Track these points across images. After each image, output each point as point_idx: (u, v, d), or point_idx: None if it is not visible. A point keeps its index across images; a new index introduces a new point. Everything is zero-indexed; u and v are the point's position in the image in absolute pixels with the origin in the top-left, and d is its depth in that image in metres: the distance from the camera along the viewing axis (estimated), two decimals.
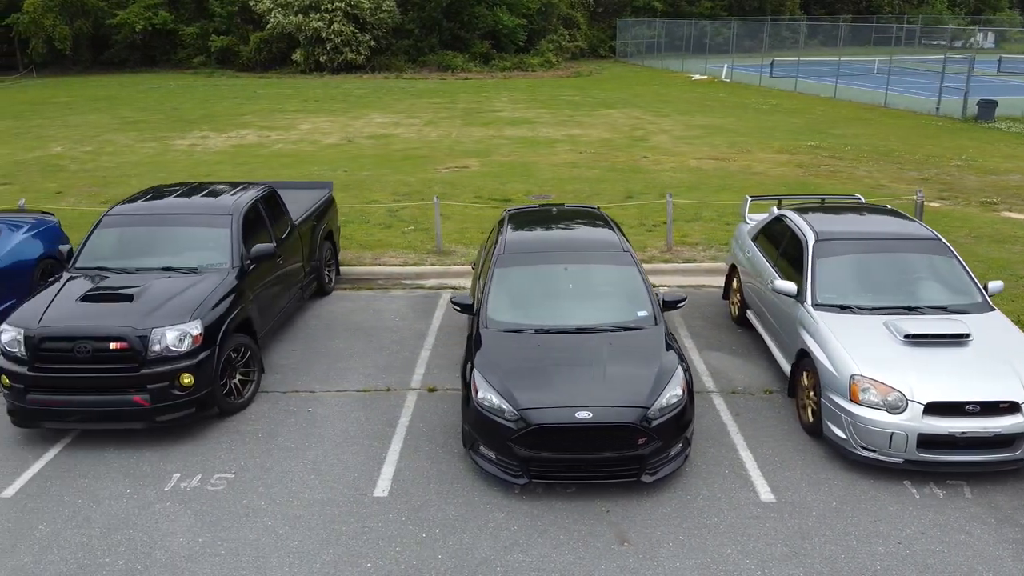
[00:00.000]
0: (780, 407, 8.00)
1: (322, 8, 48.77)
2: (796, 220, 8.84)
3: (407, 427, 7.73)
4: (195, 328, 7.38)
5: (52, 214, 11.90)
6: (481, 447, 6.69)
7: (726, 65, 45.90)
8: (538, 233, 8.63)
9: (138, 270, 8.32)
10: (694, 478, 6.80)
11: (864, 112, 31.33)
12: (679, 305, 7.65)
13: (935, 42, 71.34)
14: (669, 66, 52.83)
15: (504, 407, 6.44)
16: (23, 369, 7.24)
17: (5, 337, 7.38)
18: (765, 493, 6.59)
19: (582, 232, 8.61)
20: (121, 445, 7.46)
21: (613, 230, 8.58)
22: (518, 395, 6.45)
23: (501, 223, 9.32)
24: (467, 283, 12.01)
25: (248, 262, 8.63)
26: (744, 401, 8.15)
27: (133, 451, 7.38)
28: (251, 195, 9.55)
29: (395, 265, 12.67)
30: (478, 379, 6.70)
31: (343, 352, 9.53)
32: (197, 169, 20.79)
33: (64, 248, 8.78)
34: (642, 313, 7.42)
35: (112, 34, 53.82)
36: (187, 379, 7.26)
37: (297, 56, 50.42)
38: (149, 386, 7.19)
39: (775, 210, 9.68)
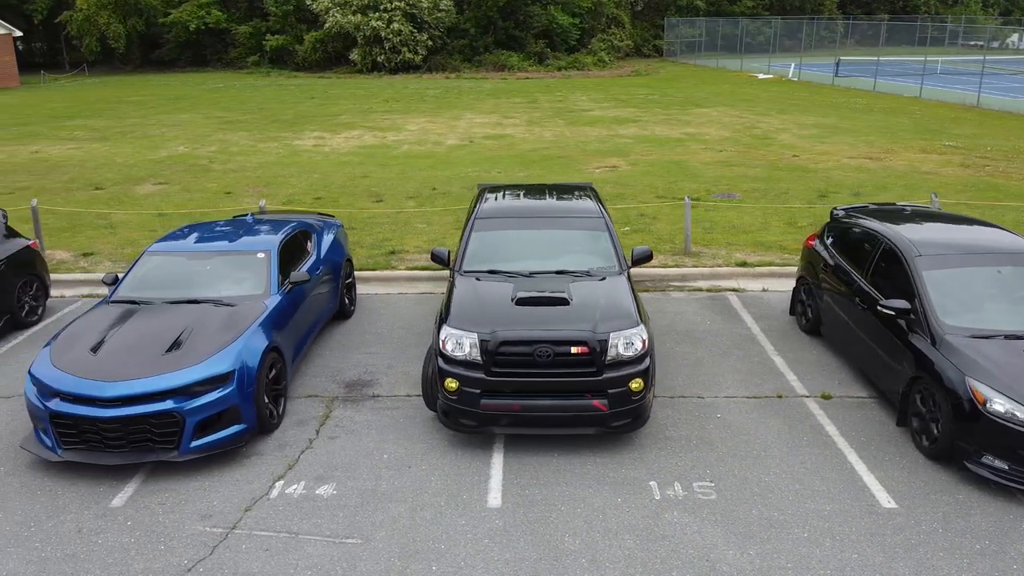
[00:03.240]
0: None
1: (381, 7, 48.52)
2: None
3: (841, 435, 7.56)
4: (644, 333, 7.20)
5: (333, 216, 11.70)
6: (985, 456, 6.53)
7: (793, 64, 45.82)
8: (935, 233, 8.45)
9: (532, 273, 8.11)
10: None
11: (961, 112, 31.25)
12: None
13: (972, 42, 71.52)
14: (725, 65, 52.74)
15: None
16: (478, 374, 7.05)
17: (450, 343, 7.18)
18: None
19: (979, 233, 8.43)
20: (563, 451, 7.28)
21: (1008, 232, 8.41)
22: None
23: (849, 219, 9.17)
24: (745, 284, 11.84)
25: (629, 265, 8.46)
26: None
27: (578, 457, 7.21)
28: (594, 195, 9.39)
29: (654, 267, 12.48)
30: (981, 388, 6.53)
31: (688, 356, 9.35)
32: (346, 170, 20.58)
33: (441, 251, 8.57)
34: None
35: (162, 33, 53.49)
36: (636, 384, 7.08)
37: (355, 56, 50.20)
38: (609, 391, 7.01)
39: None
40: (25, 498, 6.75)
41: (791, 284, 11.67)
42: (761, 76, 45.53)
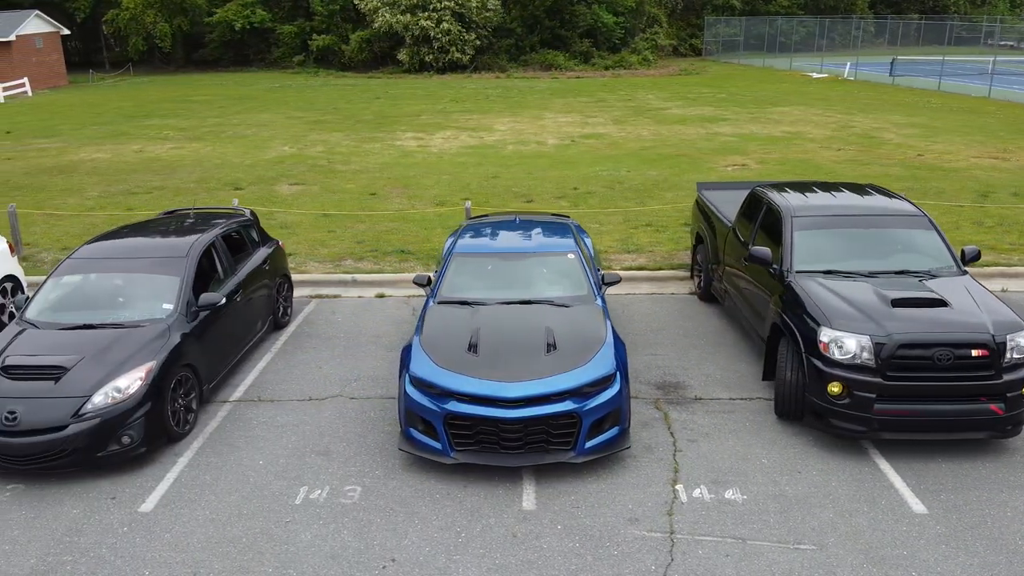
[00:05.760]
0: None
1: (430, 7, 48.35)
2: None
3: None
4: None
5: (567, 215, 11.59)
6: None
7: (848, 64, 45.84)
8: None
9: (873, 273, 8.01)
10: None
11: None
12: None
13: (1003, 43, 71.69)
14: (773, 64, 52.69)
15: None
16: (872, 377, 6.93)
17: (833, 346, 7.07)
18: None
19: None
20: (944, 455, 7.21)
21: None
22: None
23: None
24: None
25: (963, 264, 8.38)
26: None
27: (967, 462, 7.14)
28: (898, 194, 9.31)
29: None
30: None
31: None
32: (471, 171, 20.48)
33: (764, 251, 8.45)
34: None
35: (205, 32, 53.26)
36: None
37: (402, 55, 50.02)
38: (1008, 394, 6.91)
39: None
40: (429, 503, 6.63)
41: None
42: (815, 76, 45.50)
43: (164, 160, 22.41)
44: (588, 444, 6.87)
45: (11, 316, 10.64)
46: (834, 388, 7.04)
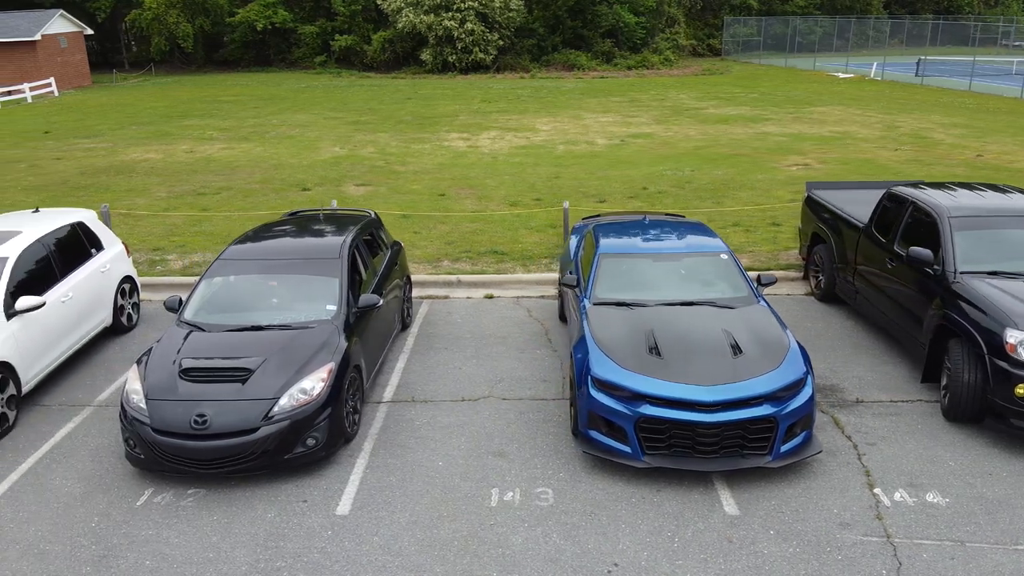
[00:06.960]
0: None
1: (454, 7, 48.30)
2: None
3: None
4: None
5: (682, 215, 11.54)
6: None
7: (875, 63, 45.84)
8: None
9: None
10: None
11: None
12: None
13: (1017, 43, 71.70)
14: (796, 64, 52.67)
15: None
16: None
17: (1021, 348, 7.02)
18: None
19: None
20: None
21: None
22: None
23: None
24: None
25: None
26: None
27: None
28: None
29: None
30: None
31: None
32: (530, 171, 20.42)
33: (923, 252, 8.38)
34: None
35: (226, 32, 53.14)
36: None
37: (425, 55, 49.95)
38: None
39: None
40: (627, 507, 6.57)
41: None
42: (842, 76, 45.49)
43: (219, 161, 22.33)
44: (783, 449, 6.81)
45: (129, 317, 10.55)
46: (1021, 390, 6.98)
